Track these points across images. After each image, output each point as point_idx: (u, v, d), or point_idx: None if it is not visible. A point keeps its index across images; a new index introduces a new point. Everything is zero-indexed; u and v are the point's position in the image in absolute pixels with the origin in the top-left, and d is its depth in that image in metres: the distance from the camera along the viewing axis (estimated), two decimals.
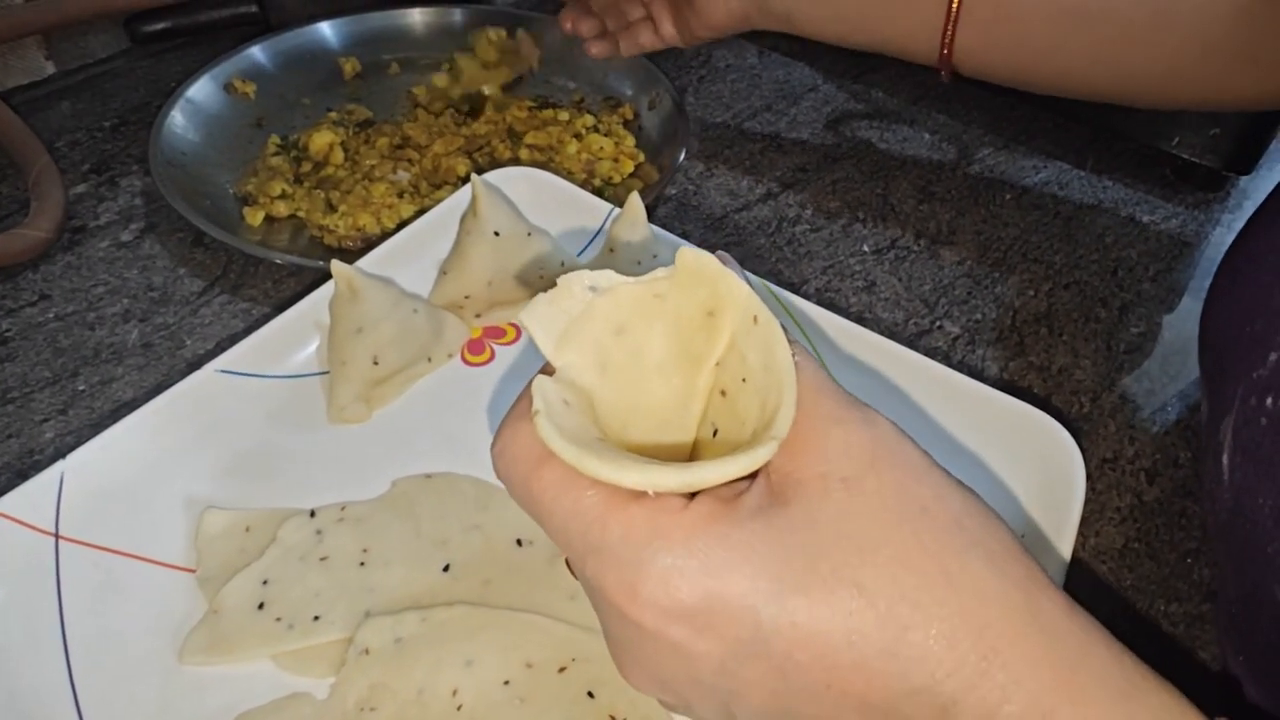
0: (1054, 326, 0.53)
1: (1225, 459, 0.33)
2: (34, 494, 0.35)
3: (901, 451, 0.24)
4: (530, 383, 0.25)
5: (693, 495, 0.24)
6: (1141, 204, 0.62)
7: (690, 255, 0.25)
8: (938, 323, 0.52)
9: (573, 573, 0.32)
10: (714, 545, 0.23)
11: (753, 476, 0.24)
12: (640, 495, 0.23)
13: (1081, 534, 0.41)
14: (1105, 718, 0.22)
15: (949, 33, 0.48)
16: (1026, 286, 0.55)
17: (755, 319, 0.25)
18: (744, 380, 0.25)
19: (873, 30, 0.52)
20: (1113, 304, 0.54)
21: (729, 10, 0.54)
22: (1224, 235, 0.60)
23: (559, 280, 0.25)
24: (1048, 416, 0.39)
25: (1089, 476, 0.39)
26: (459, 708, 0.32)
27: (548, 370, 0.26)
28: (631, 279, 0.26)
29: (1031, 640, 0.22)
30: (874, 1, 0.50)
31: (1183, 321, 0.54)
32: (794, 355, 0.24)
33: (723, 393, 0.26)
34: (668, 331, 0.26)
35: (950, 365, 0.43)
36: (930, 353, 0.50)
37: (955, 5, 0.47)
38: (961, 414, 0.41)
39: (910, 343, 0.50)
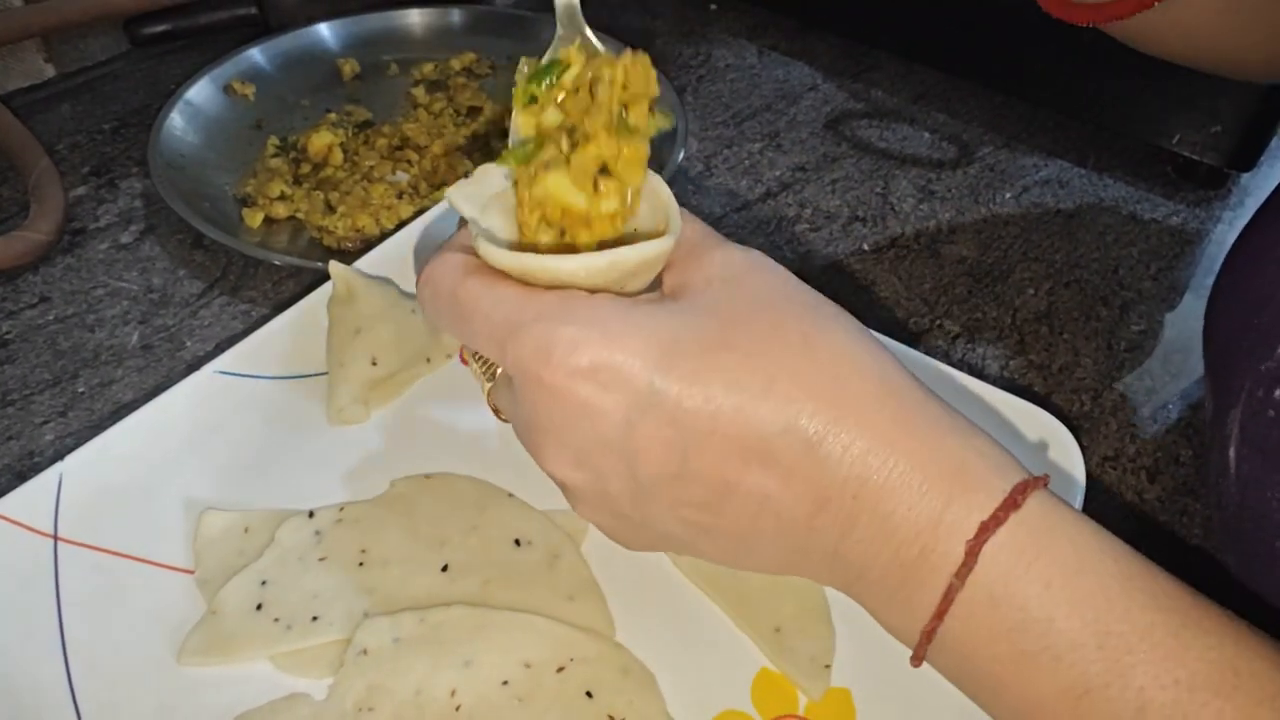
0: (1054, 325, 0.53)
1: (1232, 452, 0.33)
2: (33, 495, 0.35)
3: (770, 266, 0.30)
4: (451, 237, 0.30)
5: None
6: (1142, 202, 0.61)
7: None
8: (938, 321, 0.52)
9: (497, 414, 0.36)
10: (613, 318, 0.27)
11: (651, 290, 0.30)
12: (551, 288, 0.28)
13: None
14: (937, 445, 0.26)
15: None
16: (1027, 285, 0.55)
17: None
18: (635, 230, 0.30)
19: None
20: (1114, 302, 0.54)
21: None
22: (1225, 232, 0.60)
23: (477, 169, 0.31)
24: (1048, 414, 0.39)
25: (1090, 475, 0.38)
26: (457, 708, 0.32)
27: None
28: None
29: (880, 391, 0.27)
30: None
31: (1184, 319, 0.54)
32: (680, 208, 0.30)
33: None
34: None
35: (950, 364, 0.43)
36: (931, 351, 0.50)
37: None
38: (962, 412, 0.41)
39: (910, 341, 0.50)
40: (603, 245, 0.29)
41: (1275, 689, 0.23)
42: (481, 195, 0.31)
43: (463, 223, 0.31)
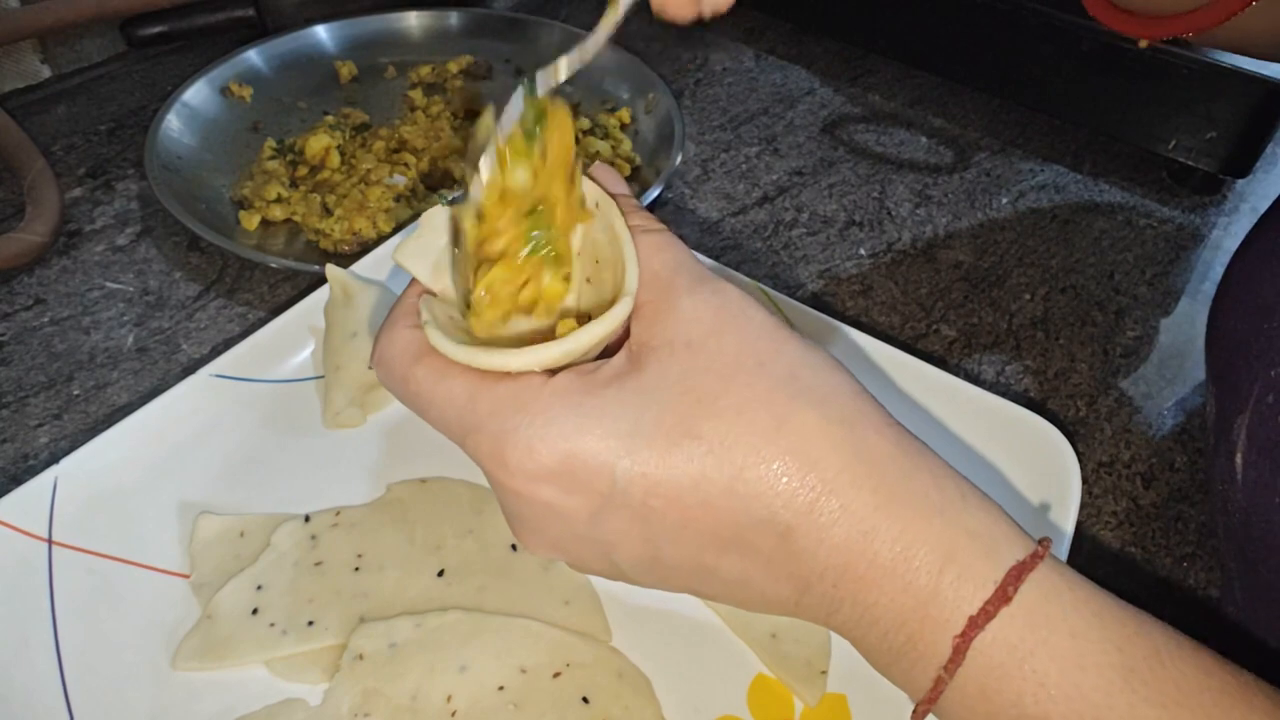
0: (1050, 330, 0.53)
1: (1239, 458, 0.33)
2: (27, 499, 0.35)
3: (744, 315, 0.27)
4: (401, 296, 0.29)
5: (554, 373, 0.27)
6: (1138, 207, 0.62)
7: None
8: (934, 326, 0.52)
9: None
10: (568, 412, 0.25)
11: (617, 348, 0.28)
12: (504, 376, 0.26)
13: (1077, 538, 0.41)
14: (921, 531, 0.25)
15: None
16: (1023, 290, 0.55)
17: (596, 205, 0.28)
18: (597, 262, 0.29)
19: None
20: (1109, 307, 0.54)
21: None
22: (1221, 238, 0.60)
23: (422, 217, 0.29)
24: (1043, 420, 0.39)
25: (1085, 480, 0.39)
26: (453, 713, 0.32)
27: (429, 292, 0.30)
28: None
29: (855, 472, 0.25)
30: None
31: (1179, 325, 0.54)
32: (652, 234, 0.28)
33: (588, 280, 0.29)
34: None
35: (947, 369, 0.43)
36: (927, 356, 0.50)
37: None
38: (957, 418, 0.41)
39: (907, 346, 0.50)
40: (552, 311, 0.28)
41: None
42: (432, 248, 0.29)
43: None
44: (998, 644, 0.24)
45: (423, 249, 0.29)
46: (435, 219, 0.29)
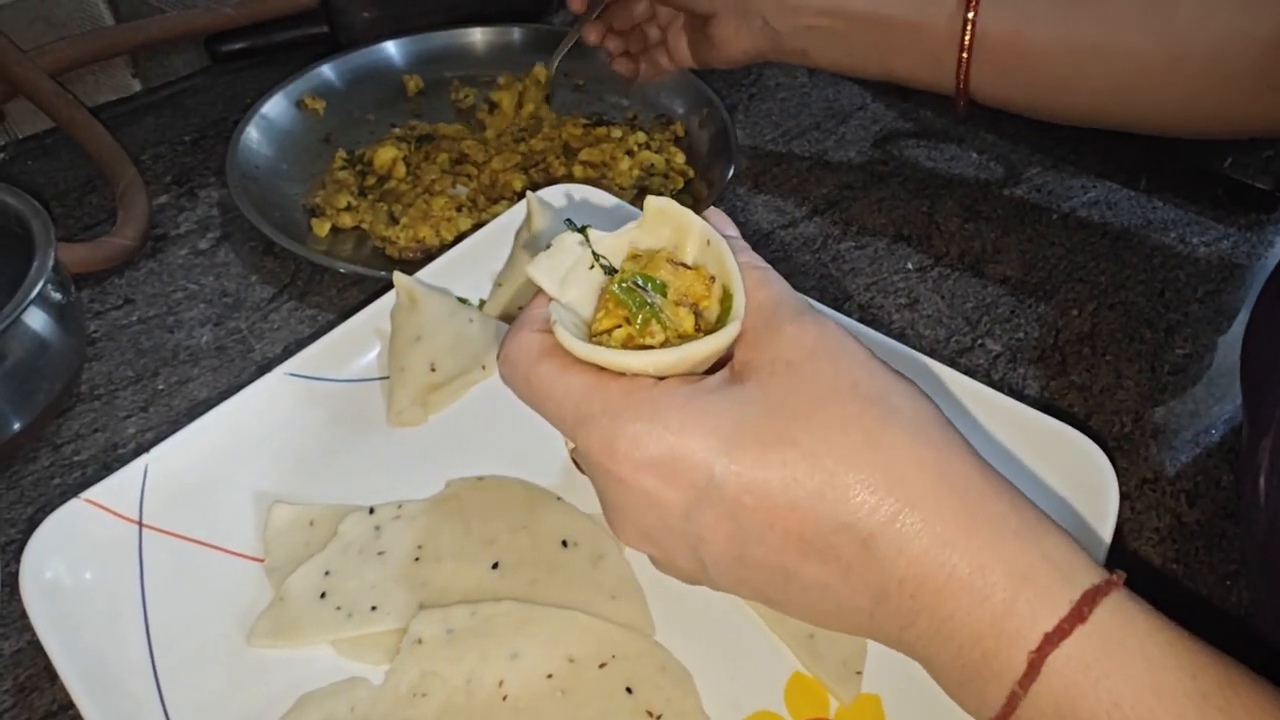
0: (1097, 346, 0.53)
1: (1262, 481, 0.33)
2: (121, 484, 0.38)
3: (841, 343, 0.29)
4: (529, 306, 0.32)
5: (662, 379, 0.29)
6: (1192, 225, 0.61)
7: (655, 200, 0.32)
8: (980, 340, 0.53)
9: (578, 466, 0.36)
10: (675, 411, 0.28)
11: (720, 366, 0.30)
12: (619, 376, 0.29)
13: (1119, 553, 0.41)
14: (999, 549, 0.26)
15: (963, 68, 0.50)
16: (1070, 306, 0.55)
17: (708, 242, 0.31)
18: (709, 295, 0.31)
19: (888, 65, 0.53)
20: (1159, 325, 0.54)
21: (744, 46, 0.57)
22: (1277, 256, 0.60)
23: (554, 240, 0.32)
24: (1082, 435, 0.40)
25: (1127, 496, 0.39)
26: (504, 697, 0.34)
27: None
28: (610, 232, 0.32)
29: (939, 490, 0.26)
30: (889, 38, 0.52)
31: (1231, 344, 0.54)
32: (758, 270, 0.31)
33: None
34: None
35: (991, 383, 0.43)
36: (971, 370, 0.51)
37: (968, 40, 0.48)
38: (997, 431, 0.41)
39: (952, 360, 0.50)
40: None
41: None
42: (560, 268, 0.31)
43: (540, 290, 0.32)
44: (1072, 663, 0.24)
45: (553, 266, 0.31)
46: (567, 241, 0.32)
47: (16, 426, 0.43)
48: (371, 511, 0.39)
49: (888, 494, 0.26)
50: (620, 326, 0.30)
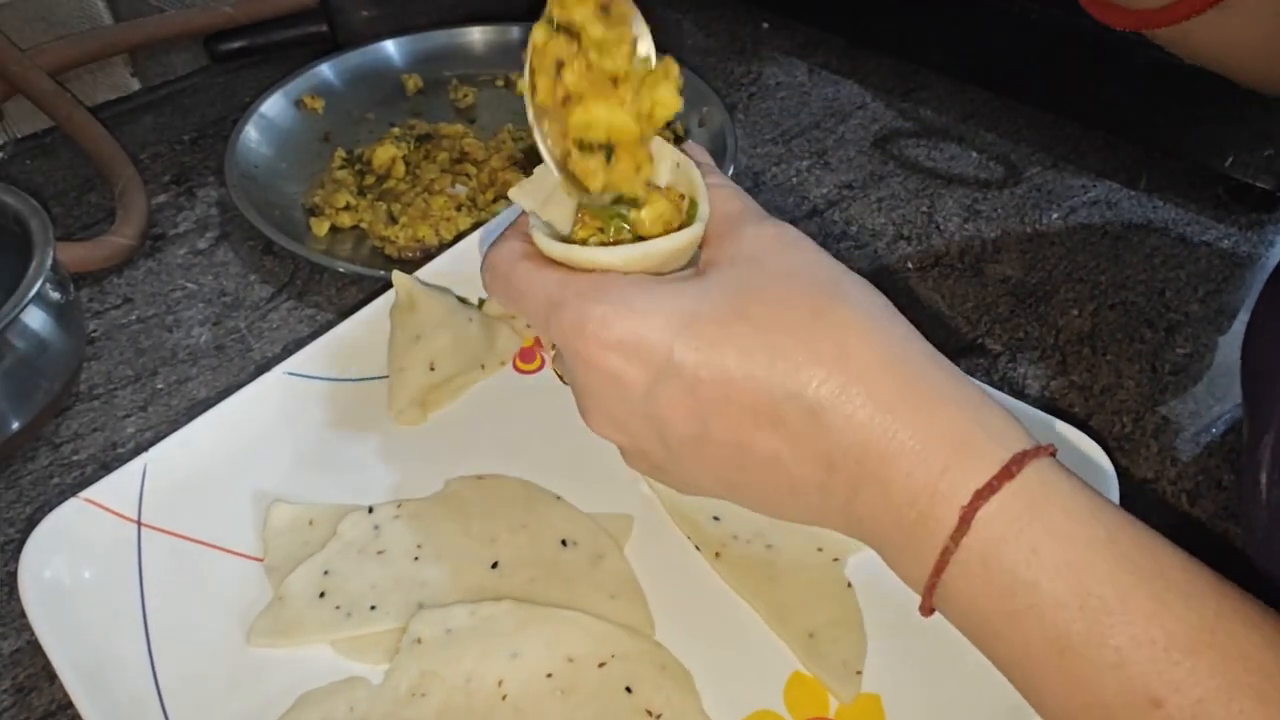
0: (1098, 346, 0.53)
1: (1263, 478, 0.33)
2: (120, 483, 0.38)
3: (802, 242, 0.31)
4: (512, 223, 0.35)
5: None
6: (1192, 224, 0.61)
7: None
8: (979, 340, 0.53)
9: (560, 378, 0.38)
10: (639, 296, 0.30)
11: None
12: (589, 271, 0.31)
13: None
14: (939, 416, 0.27)
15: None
16: (1071, 305, 0.55)
17: (678, 165, 0.34)
18: (668, 189, 0.33)
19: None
20: (1159, 324, 0.54)
21: None
22: (1278, 256, 0.60)
23: (536, 169, 0.34)
24: (1083, 434, 0.40)
25: (1128, 496, 0.39)
26: (504, 697, 0.34)
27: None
28: None
29: (885, 363, 0.28)
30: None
31: (1232, 344, 0.54)
32: (725, 187, 0.33)
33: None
34: None
35: (991, 382, 0.43)
36: (972, 370, 0.50)
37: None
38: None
39: (952, 359, 0.50)
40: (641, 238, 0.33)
41: (1249, 647, 0.24)
42: (541, 191, 0.34)
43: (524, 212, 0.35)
44: (999, 516, 0.26)
45: (534, 189, 0.34)
46: (545, 170, 0.34)
47: (15, 426, 0.43)
48: (371, 511, 0.39)
49: (835, 366, 0.28)
50: (594, 236, 0.32)
